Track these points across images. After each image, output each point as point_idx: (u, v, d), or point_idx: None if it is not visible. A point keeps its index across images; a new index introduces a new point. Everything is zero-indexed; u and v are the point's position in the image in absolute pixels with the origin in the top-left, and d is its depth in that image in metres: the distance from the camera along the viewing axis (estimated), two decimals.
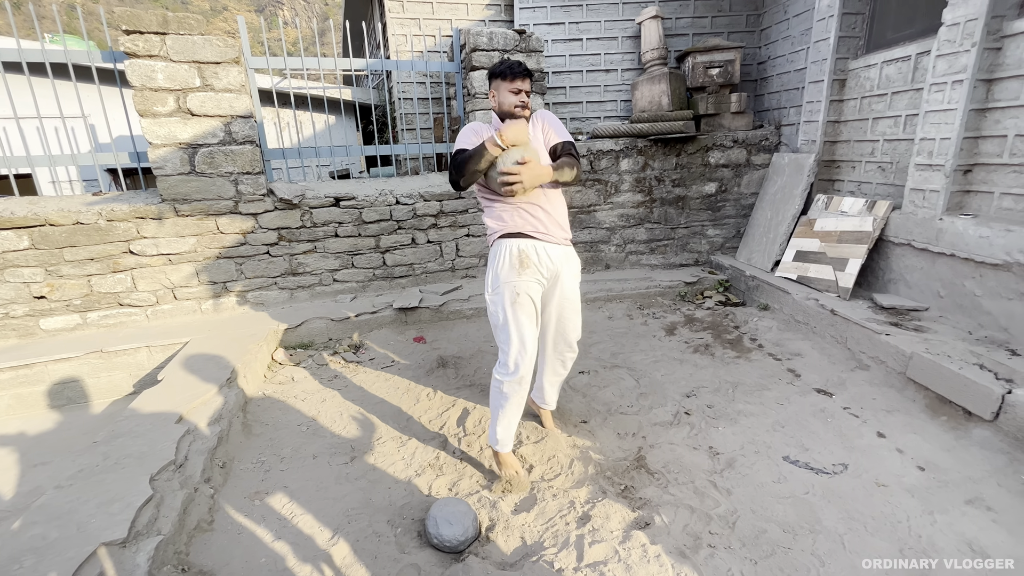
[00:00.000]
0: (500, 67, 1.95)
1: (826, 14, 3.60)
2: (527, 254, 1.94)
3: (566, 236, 2.06)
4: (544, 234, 1.97)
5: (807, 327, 3.24)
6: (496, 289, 1.98)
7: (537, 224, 1.96)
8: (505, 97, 1.95)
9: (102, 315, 3.31)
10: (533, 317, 1.99)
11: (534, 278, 1.96)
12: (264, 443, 2.35)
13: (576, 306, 2.14)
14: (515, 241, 1.95)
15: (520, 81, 1.94)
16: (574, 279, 2.10)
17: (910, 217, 2.95)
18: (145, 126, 3.11)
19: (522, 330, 1.95)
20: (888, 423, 2.31)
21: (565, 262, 2.04)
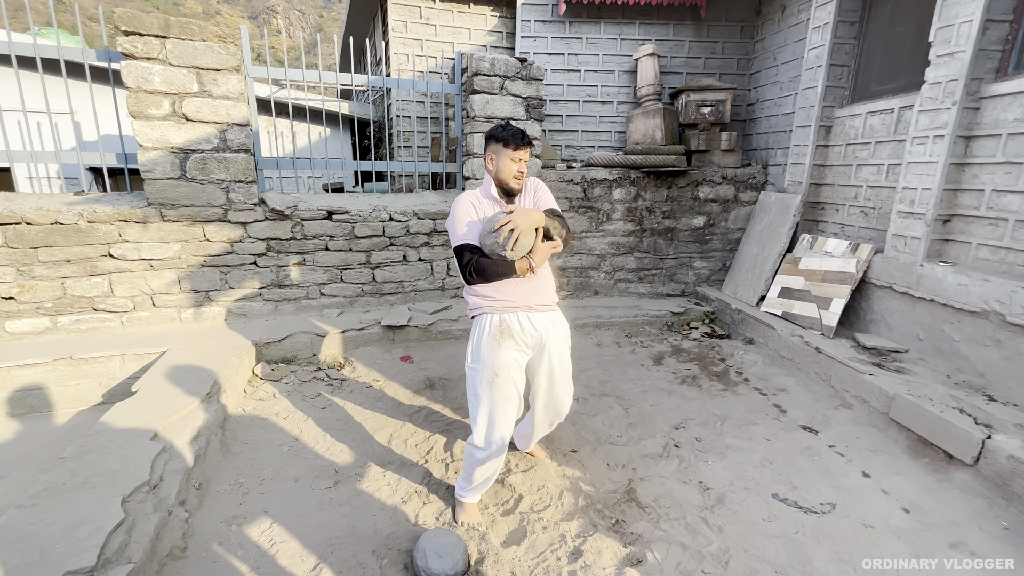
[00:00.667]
0: (503, 133, 1.87)
1: (814, 64, 3.78)
2: (508, 325, 1.86)
3: (552, 300, 1.98)
4: (526, 306, 1.88)
5: (792, 363, 3.30)
6: (475, 364, 1.90)
7: (519, 297, 1.88)
8: (505, 165, 1.88)
9: (74, 319, 3.16)
10: (512, 398, 1.88)
11: (516, 349, 1.88)
12: (243, 463, 2.25)
13: (566, 376, 2.04)
14: (496, 315, 1.87)
15: (523, 151, 1.88)
16: (562, 345, 2.00)
17: (892, 261, 3.06)
18: (137, 128, 3.04)
19: (494, 413, 1.86)
20: (872, 463, 2.34)
21: (551, 328, 1.94)
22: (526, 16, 4.77)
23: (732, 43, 4.90)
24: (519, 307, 1.87)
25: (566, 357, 2.04)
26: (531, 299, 1.89)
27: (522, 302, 1.87)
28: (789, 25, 4.32)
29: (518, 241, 1.75)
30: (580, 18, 4.78)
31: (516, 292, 1.88)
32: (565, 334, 2.03)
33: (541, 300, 1.91)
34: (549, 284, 1.99)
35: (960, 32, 2.63)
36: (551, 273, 2.03)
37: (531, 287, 1.90)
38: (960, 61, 2.63)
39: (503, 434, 1.88)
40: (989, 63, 2.60)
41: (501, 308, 1.86)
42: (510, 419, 1.90)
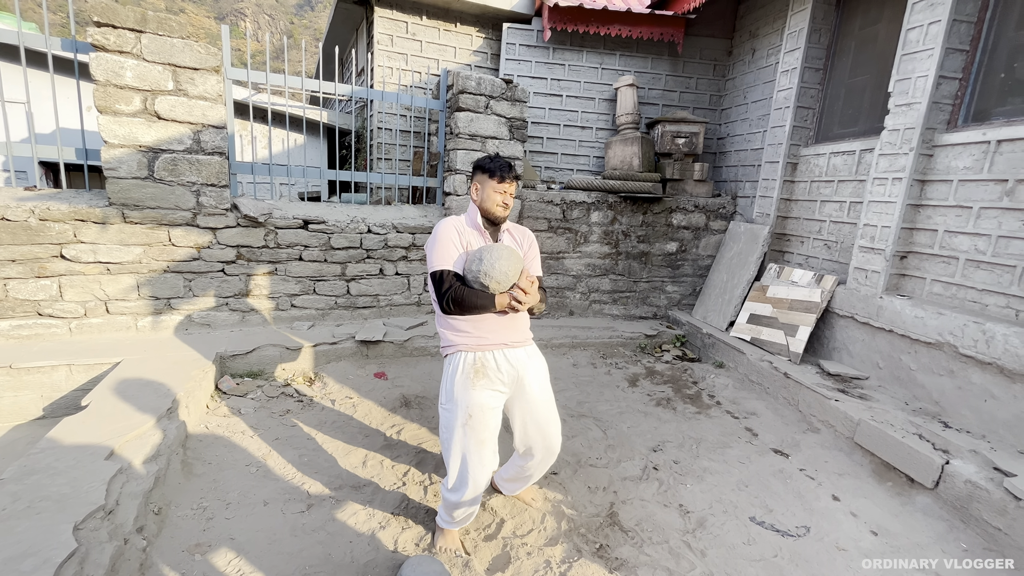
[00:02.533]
0: (491, 164, 1.86)
1: (783, 105, 4.02)
2: (484, 364, 1.79)
3: (527, 337, 1.94)
4: (501, 343, 1.83)
5: (761, 387, 3.41)
6: (448, 404, 1.83)
7: (494, 334, 1.82)
8: (490, 196, 1.85)
9: (14, 324, 2.90)
10: (487, 442, 1.81)
11: (492, 389, 1.81)
12: (207, 485, 2.10)
13: (550, 409, 1.95)
14: (471, 353, 1.80)
15: (508, 183, 1.86)
16: (542, 378, 1.94)
17: (853, 293, 3.24)
18: (103, 123, 2.87)
19: (468, 457, 1.78)
20: (841, 486, 2.43)
21: (527, 362, 1.88)
22: (511, 39, 4.86)
23: (705, 79, 5.15)
24: (494, 344, 1.81)
25: (547, 389, 1.96)
26: (506, 336, 1.83)
27: (497, 339, 1.81)
28: (759, 67, 4.59)
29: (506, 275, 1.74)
30: (564, 45, 4.92)
31: (492, 328, 1.82)
32: (543, 366, 1.97)
33: (516, 337, 1.86)
34: (524, 319, 1.94)
35: (916, 85, 2.87)
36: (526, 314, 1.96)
37: (507, 323, 1.85)
38: (916, 111, 2.86)
39: (477, 479, 1.79)
40: (942, 115, 2.84)
41: (476, 346, 1.80)
42: (485, 465, 1.80)
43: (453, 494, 1.81)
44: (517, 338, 1.87)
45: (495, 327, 1.82)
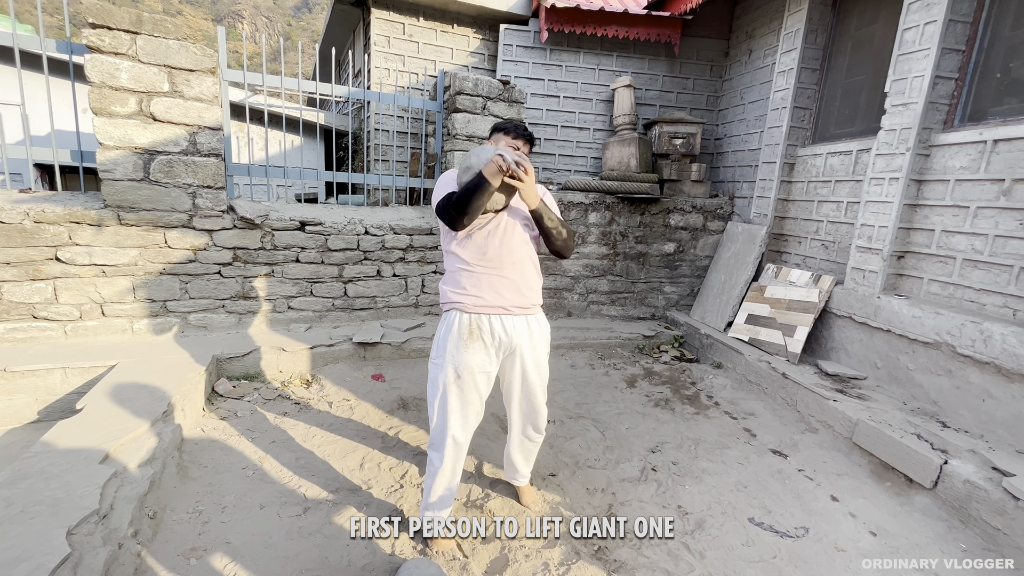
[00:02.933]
0: (508, 124, 1.89)
1: (779, 105, 4.02)
2: (479, 326, 1.77)
3: (532, 303, 1.86)
4: (500, 308, 1.79)
5: (759, 387, 3.41)
6: (438, 360, 1.81)
7: (495, 296, 1.78)
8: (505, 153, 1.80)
9: (9, 327, 2.88)
10: (473, 403, 1.81)
11: (484, 353, 1.79)
12: (203, 489, 2.08)
13: (537, 386, 1.92)
14: (467, 314, 1.78)
15: (522, 142, 1.87)
16: (538, 351, 1.89)
17: (851, 293, 3.24)
18: (98, 125, 2.85)
19: (451, 414, 1.79)
20: (840, 487, 2.43)
21: (525, 333, 1.83)
22: (508, 40, 4.86)
23: (702, 80, 5.16)
24: (492, 308, 1.78)
25: (542, 363, 1.92)
26: (508, 299, 1.78)
27: (496, 302, 1.77)
28: (755, 68, 4.60)
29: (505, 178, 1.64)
30: (561, 46, 4.92)
31: (492, 290, 1.77)
32: (543, 339, 1.91)
33: (519, 302, 1.81)
34: (531, 282, 1.86)
35: (913, 85, 2.87)
36: (536, 270, 1.90)
37: (510, 285, 1.79)
38: (913, 111, 2.86)
39: (456, 437, 1.80)
40: (938, 115, 2.84)
41: (472, 307, 1.77)
42: (468, 424, 1.82)
43: (433, 451, 1.85)
44: (520, 303, 1.81)
45: (497, 287, 1.78)
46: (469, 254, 1.81)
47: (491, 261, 1.80)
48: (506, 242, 1.81)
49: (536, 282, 1.90)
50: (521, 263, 1.84)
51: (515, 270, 1.83)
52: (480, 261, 1.80)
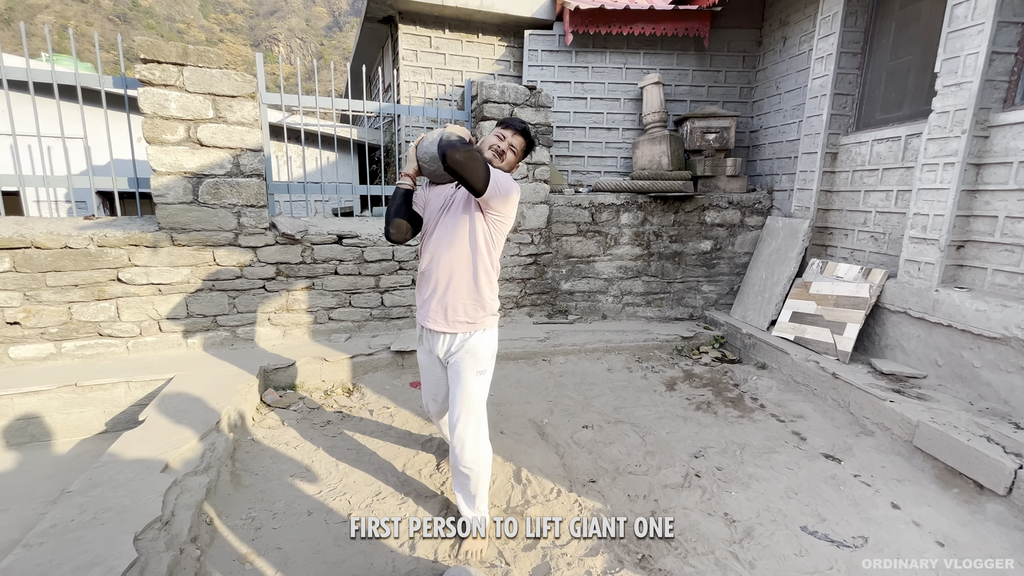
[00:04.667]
0: (503, 119, 1.92)
1: (818, 93, 3.86)
2: (421, 333, 1.99)
3: (459, 323, 1.81)
4: (425, 326, 1.91)
5: (807, 388, 3.26)
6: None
7: (424, 314, 1.89)
8: (488, 138, 1.84)
9: (79, 345, 3.10)
10: (427, 387, 2.11)
11: (429, 352, 1.99)
12: (254, 496, 2.17)
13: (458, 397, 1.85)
14: (419, 324, 1.98)
15: (509, 132, 1.82)
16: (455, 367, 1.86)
17: (906, 287, 3.06)
18: (151, 153, 3.04)
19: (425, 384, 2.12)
20: (901, 493, 2.29)
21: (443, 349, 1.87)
22: (533, 46, 4.88)
23: (735, 72, 5.01)
24: (424, 323, 1.92)
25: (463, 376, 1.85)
26: (431, 319, 1.87)
27: (425, 321, 1.91)
28: (791, 56, 4.43)
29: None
30: (586, 48, 4.89)
31: (425, 308, 1.90)
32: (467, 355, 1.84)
33: (439, 326, 1.84)
34: (464, 301, 1.81)
35: (966, 63, 2.70)
36: (473, 287, 1.81)
37: (437, 305, 1.84)
38: (968, 91, 2.68)
39: (426, 404, 2.17)
40: (996, 93, 2.65)
41: (418, 318, 1.97)
42: (428, 398, 2.14)
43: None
44: (440, 327, 1.85)
45: (427, 308, 1.88)
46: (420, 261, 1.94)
47: (424, 276, 1.88)
48: (437, 257, 1.80)
49: (474, 301, 1.82)
50: (451, 281, 1.80)
51: (443, 287, 1.81)
52: (421, 266, 1.91)
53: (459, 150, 1.53)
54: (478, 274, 1.81)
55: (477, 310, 1.84)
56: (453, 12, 4.81)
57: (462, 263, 1.79)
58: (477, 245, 1.78)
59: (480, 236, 1.77)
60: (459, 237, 1.77)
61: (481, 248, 1.79)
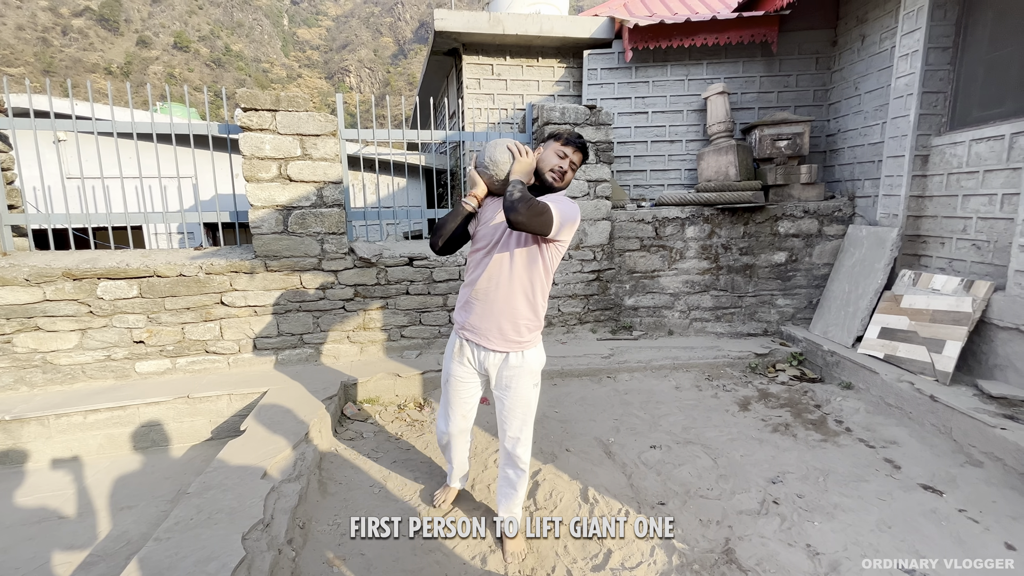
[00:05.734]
0: (559, 131, 2.02)
1: (904, 92, 3.60)
2: (463, 348, 2.00)
3: (512, 342, 1.87)
4: (476, 343, 1.93)
5: (900, 411, 3.00)
6: (443, 360, 2.14)
7: (475, 331, 1.92)
8: (550, 156, 1.83)
9: (190, 361, 3.51)
10: (455, 404, 2.08)
11: (470, 366, 2.01)
12: (339, 503, 2.35)
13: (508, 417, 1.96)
14: (458, 338, 2.01)
15: (571, 149, 1.82)
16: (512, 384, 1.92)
17: (1017, 300, 2.76)
18: (249, 190, 3.42)
19: (444, 406, 2.14)
20: (1016, 532, 2.05)
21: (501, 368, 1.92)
22: (592, 65, 4.94)
23: (807, 75, 4.78)
24: (470, 338, 1.95)
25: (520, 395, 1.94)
26: (486, 337, 1.90)
27: (474, 337, 1.94)
28: (871, 54, 4.16)
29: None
30: (646, 63, 4.88)
31: (477, 324, 1.91)
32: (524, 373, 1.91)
33: (494, 344, 1.89)
34: (512, 320, 1.85)
35: None
36: (525, 305, 1.85)
37: (492, 324, 1.86)
38: None
39: (443, 424, 2.16)
40: None
41: (461, 332, 1.99)
42: (455, 419, 2.11)
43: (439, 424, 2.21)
44: (494, 346, 1.90)
45: (480, 325, 1.90)
46: (468, 273, 1.97)
47: (479, 294, 1.89)
48: (496, 278, 1.84)
49: (526, 320, 1.87)
50: (510, 302, 1.84)
51: (501, 307, 1.85)
52: (473, 285, 1.91)
53: (520, 212, 1.58)
54: (536, 296, 1.87)
55: (532, 330, 1.92)
56: (514, 40, 4.99)
57: (523, 286, 1.84)
58: (537, 269, 1.84)
59: (540, 261, 1.83)
60: (520, 263, 1.82)
61: (540, 272, 1.85)
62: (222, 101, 3.67)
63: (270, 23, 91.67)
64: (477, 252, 1.90)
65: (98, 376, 3.35)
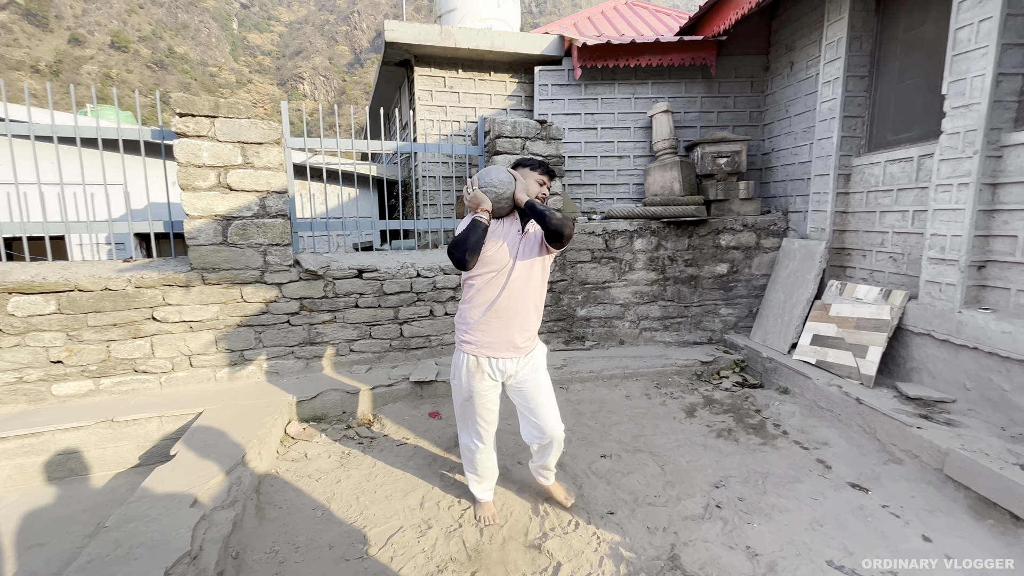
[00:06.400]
0: (531, 159, 2.17)
1: (828, 116, 3.88)
2: (480, 365, 2.11)
3: (525, 347, 2.13)
4: (497, 356, 2.09)
5: (831, 414, 3.19)
6: (456, 381, 2.20)
7: (492, 347, 2.08)
8: (531, 184, 2.12)
9: (116, 381, 3.26)
10: (484, 415, 2.18)
11: (487, 379, 2.13)
12: (278, 529, 2.23)
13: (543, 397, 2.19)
14: (472, 357, 2.11)
15: (547, 176, 2.15)
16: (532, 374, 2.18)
17: (928, 308, 3.01)
18: (185, 199, 3.24)
19: (467, 423, 2.23)
20: (932, 525, 2.21)
21: (516, 366, 2.14)
22: (543, 81, 5.05)
23: (743, 97, 5.08)
24: (492, 355, 2.09)
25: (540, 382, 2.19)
26: (503, 350, 2.09)
27: (491, 353, 2.09)
28: (799, 80, 4.48)
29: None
30: (595, 80, 5.04)
31: (494, 340, 2.08)
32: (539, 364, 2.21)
33: (512, 352, 2.10)
34: (530, 327, 2.12)
35: (973, 85, 2.70)
36: (537, 312, 2.15)
37: (507, 338, 2.07)
38: (976, 112, 2.68)
39: (476, 440, 2.24)
40: (1007, 113, 2.65)
41: (477, 352, 2.10)
42: (489, 430, 2.23)
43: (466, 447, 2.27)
44: (511, 354, 2.11)
45: (497, 340, 2.07)
46: (478, 294, 2.08)
47: (500, 310, 2.06)
48: (515, 293, 2.05)
49: (532, 323, 2.15)
50: (527, 311, 2.10)
51: (518, 320, 2.09)
52: (491, 305, 2.06)
53: (569, 227, 1.90)
54: (541, 303, 2.18)
55: (536, 329, 2.20)
56: (466, 53, 5.03)
57: (535, 295, 2.12)
58: (544, 280, 2.15)
59: (544, 272, 2.14)
60: (535, 275, 2.09)
61: (544, 281, 2.16)
62: (165, 105, 3.48)
63: (218, 26, 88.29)
64: (487, 273, 2.05)
65: (7, 400, 3.05)
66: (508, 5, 7.24)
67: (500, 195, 2.00)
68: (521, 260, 2.05)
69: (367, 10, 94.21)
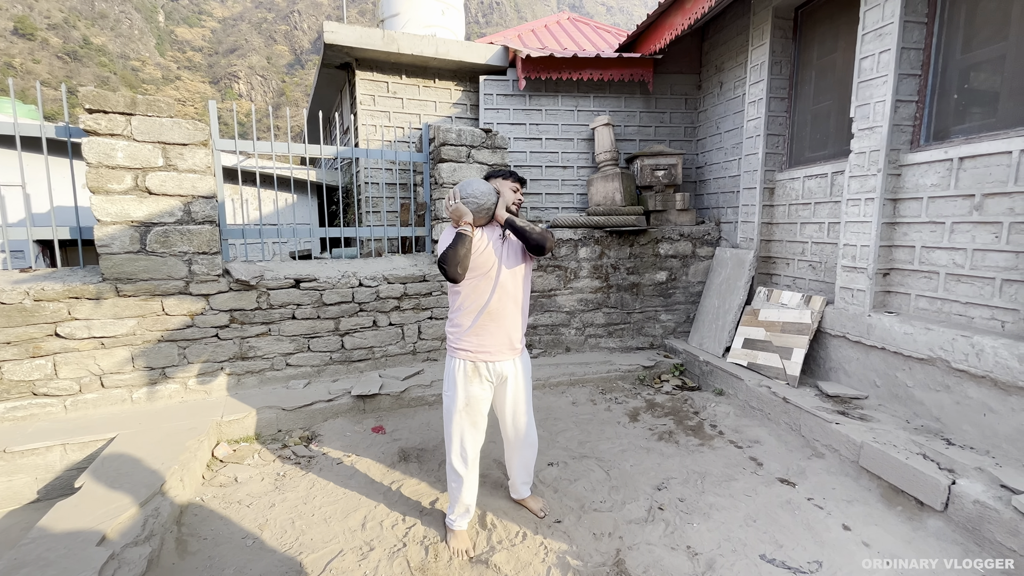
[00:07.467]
0: (506, 170, 2.28)
1: (753, 133, 4.16)
2: (478, 370, 2.16)
3: (518, 347, 2.22)
4: (493, 360, 2.15)
5: (762, 413, 3.38)
6: (450, 392, 2.20)
7: (488, 352, 2.14)
8: (507, 194, 2.23)
9: (9, 407, 2.89)
10: (479, 424, 2.20)
11: (486, 383, 2.19)
12: (202, 563, 2.05)
13: (526, 402, 2.31)
14: (468, 362, 2.15)
15: (519, 183, 2.28)
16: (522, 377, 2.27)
17: (842, 312, 3.27)
18: (95, 203, 2.95)
19: (464, 434, 2.19)
20: (851, 514, 2.38)
21: (511, 368, 2.22)
22: (488, 90, 5.07)
23: (679, 113, 5.34)
24: (487, 355, 2.14)
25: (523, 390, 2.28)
26: (499, 353, 2.16)
27: (488, 357, 2.15)
28: (728, 99, 4.77)
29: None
30: (539, 92, 5.13)
31: (490, 343, 2.14)
32: (526, 370, 2.30)
33: (506, 355, 2.18)
34: (517, 331, 2.21)
35: (876, 110, 2.99)
36: (524, 315, 2.24)
37: (502, 341, 2.15)
38: (879, 134, 2.97)
39: (470, 452, 2.20)
40: (904, 136, 2.94)
41: (474, 358, 2.14)
42: (476, 441, 2.22)
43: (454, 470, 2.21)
44: (506, 356, 2.18)
45: (493, 344, 2.14)
46: (467, 300, 2.13)
47: (493, 313, 2.12)
48: (503, 299, 2.13)
49: (521, 326, 2.23)
50: (516, 316, 2.18)
51: (509, 322, 2.16)
52: (483, 310, 2.11)
53: (551, 239, 2.05)
54: (527, 306, 2.25)
55: (523, 333, 2.26)
56: (409, 59, 4.96)
57: (521, 300, 2.19)
58: (527, 283, 2.23)
59: (528, 275, 2.23)
60: (519, 280, 2.17)
61: (528, 284, 2.24)
62: (75, 99, 3.16)
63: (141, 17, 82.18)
64: (474, 279, 2.10)
65: None
66: (452, 14, 7.24)
67: (481, 206, 2.05)
68: (506, 263, 2.13)
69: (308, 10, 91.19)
